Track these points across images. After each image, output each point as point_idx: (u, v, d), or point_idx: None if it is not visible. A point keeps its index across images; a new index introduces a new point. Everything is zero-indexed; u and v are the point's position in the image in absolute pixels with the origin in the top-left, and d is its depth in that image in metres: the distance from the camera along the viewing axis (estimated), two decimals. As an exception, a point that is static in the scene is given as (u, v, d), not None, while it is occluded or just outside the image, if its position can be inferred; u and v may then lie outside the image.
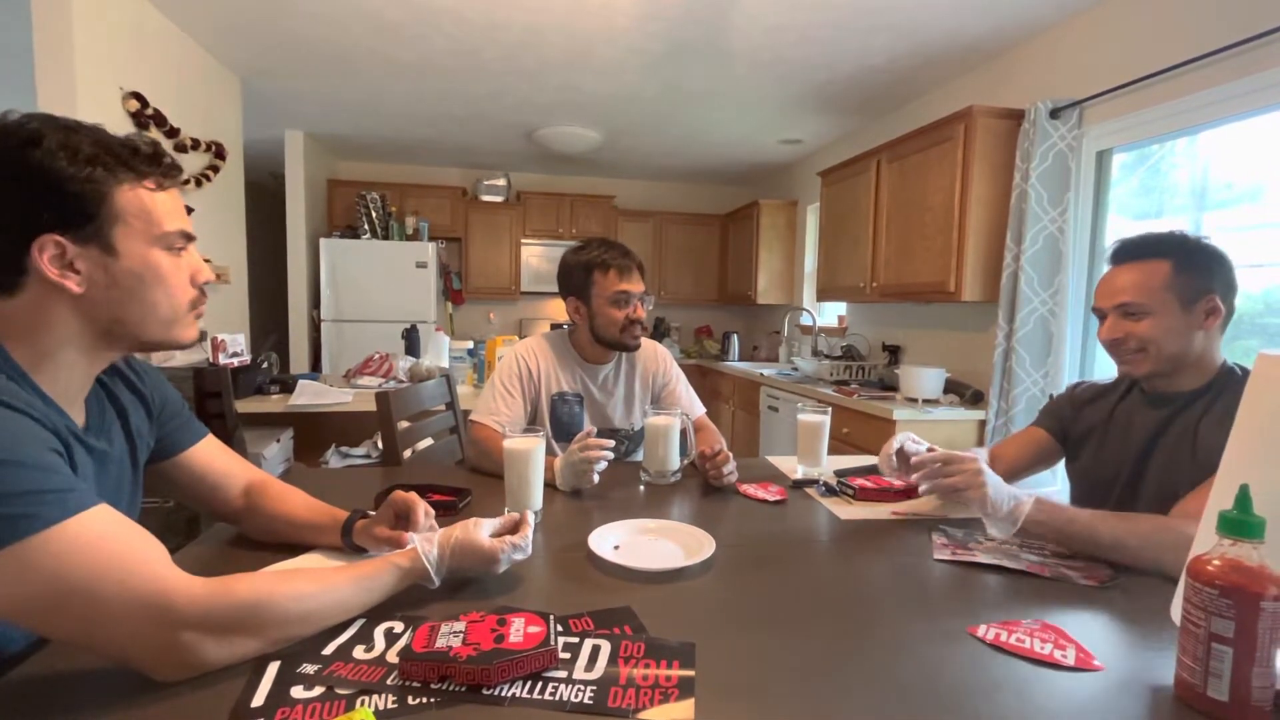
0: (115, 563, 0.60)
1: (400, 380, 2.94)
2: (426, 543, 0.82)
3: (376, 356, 3.13)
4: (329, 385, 2.75)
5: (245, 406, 2.44)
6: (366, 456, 2.56)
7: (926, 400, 2.87)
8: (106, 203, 0.68)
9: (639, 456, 1.54)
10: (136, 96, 2.52)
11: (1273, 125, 1.95)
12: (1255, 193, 2.04)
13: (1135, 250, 1.13)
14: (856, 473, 1.40)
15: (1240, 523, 0.62)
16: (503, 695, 0.63)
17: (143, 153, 0.71)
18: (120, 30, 2.47)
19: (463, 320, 5.51)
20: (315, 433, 2.75)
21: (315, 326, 4.73)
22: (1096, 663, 0.71)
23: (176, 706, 0.60)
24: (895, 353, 3.64)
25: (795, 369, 4.23)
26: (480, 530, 0.85)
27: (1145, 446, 1.15)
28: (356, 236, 4.70)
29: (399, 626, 0.74)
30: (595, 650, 0.70)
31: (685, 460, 1.44)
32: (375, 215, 4.71)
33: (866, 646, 0.74)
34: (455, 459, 2.02)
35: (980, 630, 0.77)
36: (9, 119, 0.66)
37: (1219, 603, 0.61)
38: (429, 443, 2.04)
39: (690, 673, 0.67)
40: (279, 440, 2.51)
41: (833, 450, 1.58)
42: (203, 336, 2.54)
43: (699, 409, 1.73)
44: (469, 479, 1.41)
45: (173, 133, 2.77)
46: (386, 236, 4.76)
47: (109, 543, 0.60)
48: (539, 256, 5.26)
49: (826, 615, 0.82)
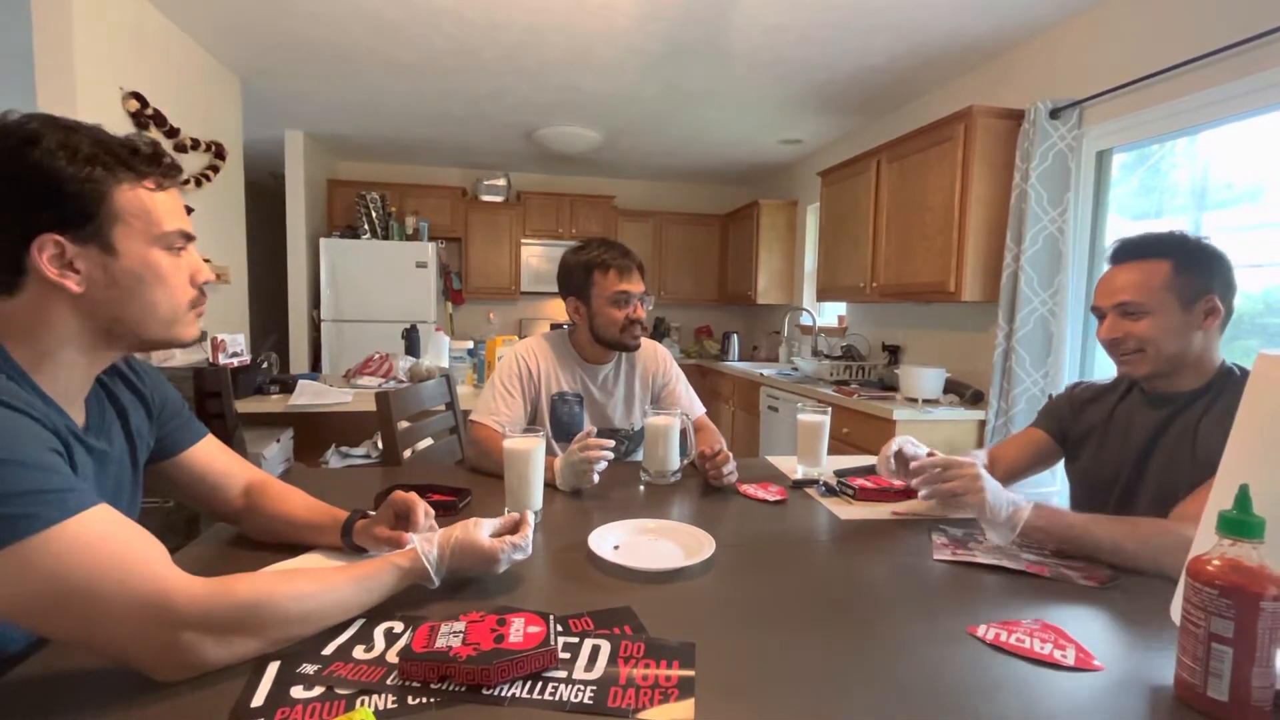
0: (115, 562, 0.60)
1: (400, 380, 2.94)
2: (426, 543, 0.82)
3: (376, 356, 3.13)
4: (329, 385, 2.75)
5: (245, 406, 2.44)
6: (366, 456, 2.57)
7: (926, 400, 2.87)
8: (106, 202, 0.68)
9: (639, 456, 1.54)
10: (136, 96, 2.52)
11: (1273, 125, 1.95)
12: (1255, 193, 2.04)
13: (1135, 250, 1.13)
14: (856, 473, 1.41)
15: (1240, 523, 0.62)
16: (502, 695, 0.63)
17: (142, 152, 0.71)
18: (120, 30, 2.48)
19: (463, 320, 5.51)
20: (315, 433, 2.75)
21: (315, 326, 4.73)
22: (1096, 663, 0.71)
23: (176, 706, 0.60)
24: (895, 353, 3.64)
25: (795, 369, 4.23)
26: (480, 530, 0.85)
27: (1145, 447, 1.15)
28: (356, 236, 4.70)
29: (399, 626, 0.74)
30: (595, 650, 0.70)
31: (685, 460, 1.44)
32: (375, 215, 4.71)
33: (866, 646, 0.74)
34: (455, 459, 2.02)
35: (980, 630, 0.77)
36: (9, 119, 0.66)
37: (1219, 603, 0.61)
38: (429, 443, 2.04)
39: (690, 673, 0.67)
40: (279, 440, 2.51)
41: (833, 450, 1.58)
42: (203, 336, 2.54)
43: (699, 409, 1.73)
44: (469, 479, 1.41)
45: (173, 133, 2.77)
46: (386, 236, 4.76)
47: (109, 542, 0.60)
48: (539, 256, 5.26)
49: (826, 615, 0.82)
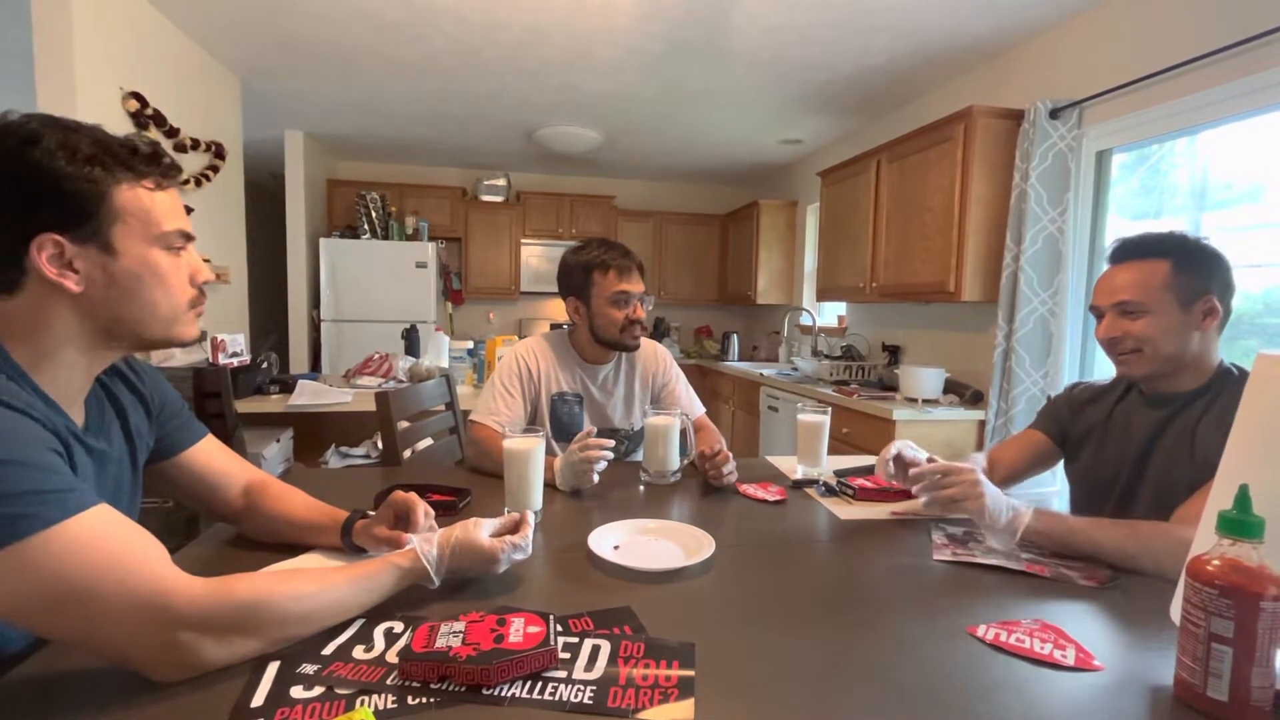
0: (114, 562, 0.60)
1: (400, 380, 2.94)
2: (426, 543, 0.82)
3: (376, 356, 3.13)
4: (329, 385, 2.75)
5: (245, 406, 2.44)
6: (366, 456, 2.57)
7: (926, 400, 2.87)
8: (105, 202, 0.68)
9: (639, 456, 1.54)
10: (136, 96, 2.52)
11: (1273, 125, 1.95)
12: (1255, 193, 2.04)
13: (1135, 249, 1.13)
14: (856, 473, 1.41)
15: (1240, 523, 0.62)
16: (502, 695, 0.63)
17: (142, 152, 0.71)
18: (120, 30, 2.48)
19: (462, 320, 5.51)
20: (315, 433, 2.75)
21: (315, 326, 4.73)
22: (1096, 663, 0.71)
23: (176, 706, 0.60)
24: (895, 353, 3.64)
25: (795, 369, 4.23)
26: (480, 530, 0.85)
27: (1144, 447, 1.15)
28: (356, 236, 4.70)
29: (399, 626, 0.74)
30: (595, 650, 0.70)
31: (685, 460, 1.44)
32: (375, 215, 4.71)
33: (866, 646, 0.74)
34: (455, 459, 2.02)
35: (980, 630, 0.77)
36: (9, 118, 0.66)
37: (1218, 603, 0.61)
38: (429, 443, 2.04)
39: (690, 673, 0.67)
40: (278, 440, 2.51)
41: (832, 450, 1.58)
42: (202, 336, 2.54)
43: (699, 409, 1.73)
44: (469, 479, 1.41)
45: (172, 132, 2.77)
46: (386, 236, 4.76)
47: (108, 542, 0.60)
48: (539, 256, 5.26)
49: (826, 615, 0.82)
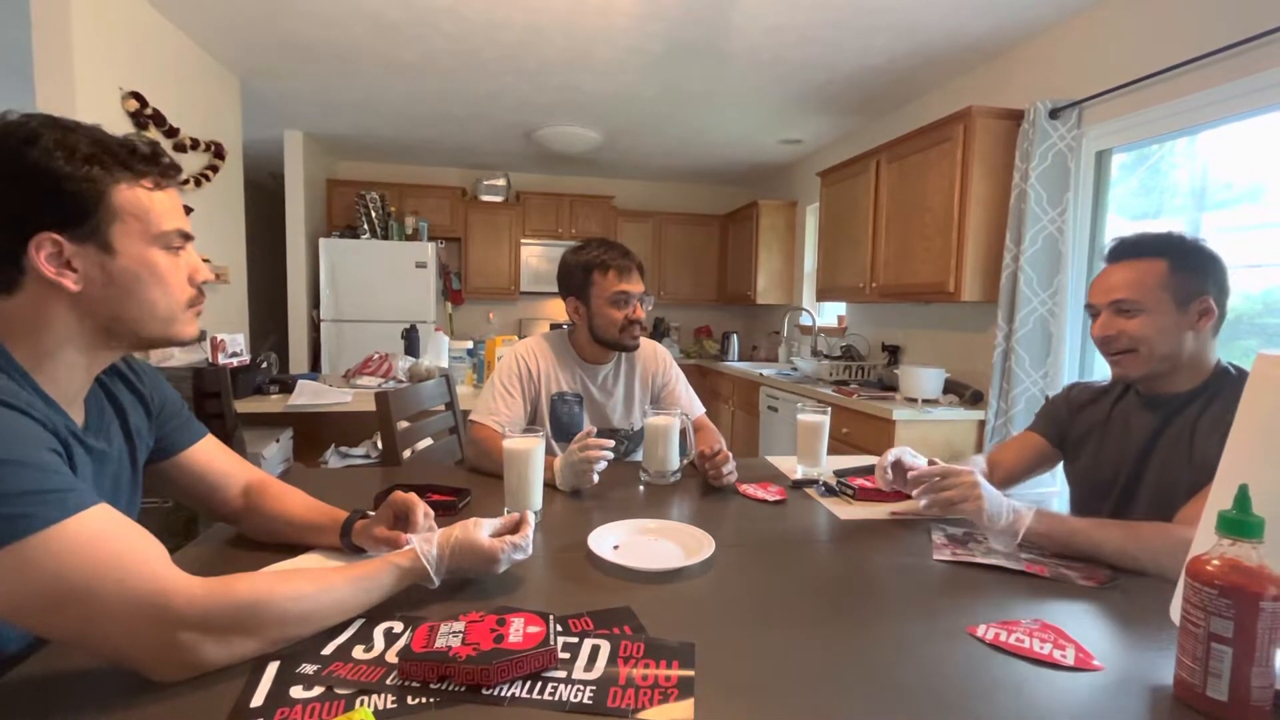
0: (114, 562, 0.60)
1: (400, 380, 2.93)
2: (425, 543, 0.82)
3: (376, 356, 3.13)
4: (328, 385, 2.75)
5: (244, 406, 2.43)
6: (366, 456, 2.56)
7: (926, 400, 2.87)
8: (104, 201, 0.68)
9: (639, 456, 1.54)
10: (136, 96, 2.52)
11: (1273, 125, 1.95)
12: (1255, 193, 2.04)
13: (1132, 249, 1.13)
14: (856, 473, 1.40)
15: (1239, 522, 0.62)
16: (502, 695, 0.63)
17: (140, 152, 0.71)
18: (119, 30, 2.47)
19: (462, 320, 5.51)
20: (315, 433, 2.75)
21: (315, 326, 4.73)
22: (1096, 663, 0.71)
23: (176, 706, 0.60)
24: (895, 353, 3.64)
25: (795, 369, 4.23)
26: (480, 530, 0.85)
27: (1144, 447, 1.15)
28: (356, 236, 4.70)
29: (398, 626, 0.74)
30: (595, 650, 0.70)
31: (685, 460, 1.44)
32: (375, 215, 4.71)
33: (866, 646, 0.74)
34: (455, 459, 2.02)
35: (980, 630, 0.77)
36: (7, 118, 0.66)
37: (1218, 602, 0.61)
38: (428, 443, 2.04)
39: (690, 673, 0.67)
40: (278, 440, 2.51)
41: (832, 450, 1.58)
42: (202, 336, 2.54)
43: (698, 409, 1.73)
44: (468, 479, 1.41)
45: (172, 132, 2.77)
46: (386, 236, 4.76)
47: (108, 542, 0.60)
48: (538, 256, 5.26)
49: (826, 615, 0.82)
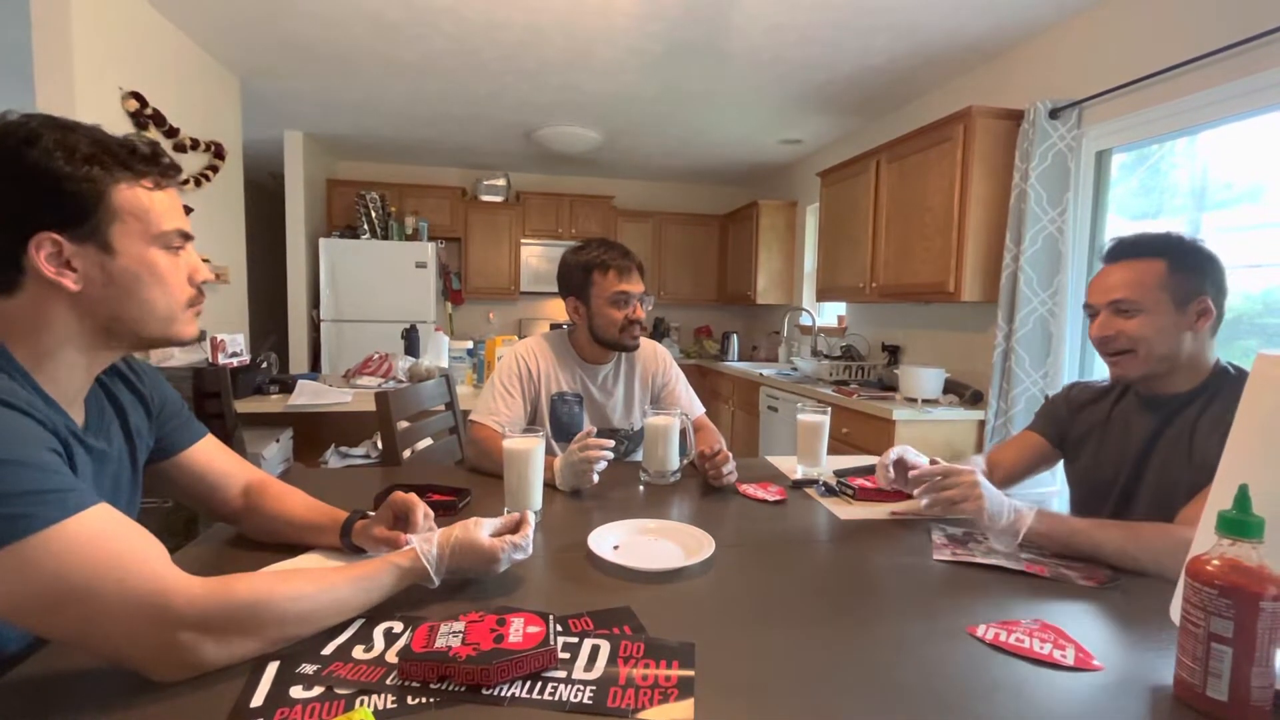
0: (114, 562, 0.60)
1: (400, 380, 2.93)
2: (425, 542, 0.82)
3: (376, 356, 3.13)
4: (328, 385, 2.75)
5: (244, 406, 2.43)
6: (366, 456, 2.56)
7: (926, 400, 2.87)
8: (104, 201, 0.68)
9: (639, 456, 1.54)
10: (136, 96, 2.52)
11: (1273, 125, 1.95)
12: (1255, 193, 2.04)
13: (1130, 249, 1.13)
14: (856, 473, 1.40)
15: (1239, 522, 0.62)
16: (502, 695, 0.63)
17: (140, 152, 0.71)
18: (119, 30, 2.47)
19: (462, 320, 5.51)
20: (314, 433, 2.75)
21: (315, 326, 4.73)
22: (1096, 663, 0.71)
23: (176, 706, 0.60)
24: (895, 353, 3.64)
25: (795, 369, 4.23)
26: (480, 530, 0.85)
27: (1143, 448, 1.15)
28: (356, 236, 4.70)
29: (398, 626, 0.74)
30: (595, 650, 0.70)
31: (685, 460, 1.44)
32: (375, 215, 4.71)
33: (866, 646, 0.74)
34: (455, 459, 2.02)
35: (980, 630, 0.77)
36: (7, 118, 0.66)
37: (1218, 602, 0.61)
38: (428, 443, 2.04)
39: (690, 673, 0.67)
40: (278, 440, 2.51)
41: (832, 450, 1.58)
42: (202, 336, 2.54)
43: (698, 409, 1.73)
44: (468, 479, 1.41)
45: (172, 132, 2.77)
46: (386, 236, 4.76)
47: (108, 542, 0.60)
48: (538, 256, 5.26)
49: (826, 615, 0.82)
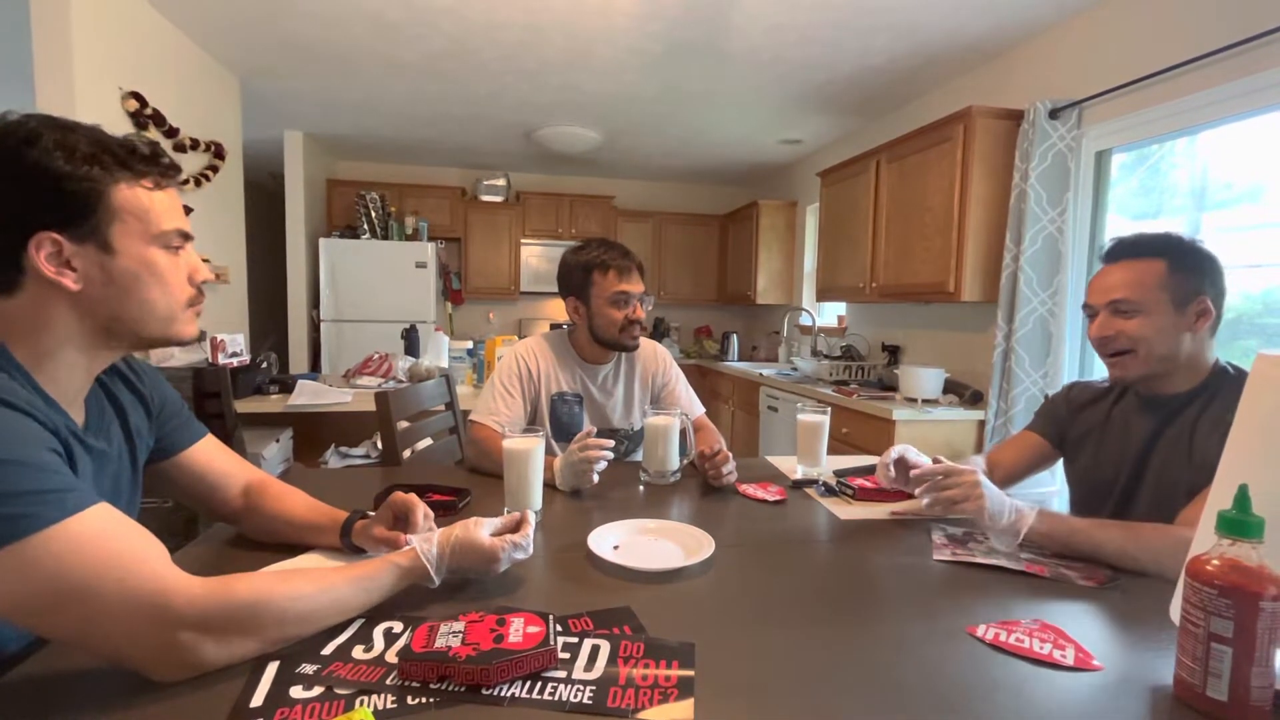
0: (114, 561, 0.60)
1: (400, 380, 2.93)
2: (425, 542, 0.82)
3: (376, 356, 3.13)
4: (328, 385, 2.75)
5: (244, 406, 2.43)
6: (366, 457, 2.56)
7: (926, 400, 2.87)
8: (103, 201, 0.68)
9: (638, 456, 1.54)
10: (135, 96, 2.52)
11: (1273, 125, 1.95)
12: (1255, 193, 2.04)
13: (1130, 249, 1.13)
14: (856, 473, 1.40)
15: (1239, 522, 0.62)
16: (502, 695, 0.63)
17: (140, 152, 0.71)
18: (119, 30, 2.47)
19: (462, 320, 5.51)
20: (314, 433, 2.75)
21: (314, 326, 4.72)
22: (1096, 662, 0.71)
23: (176, 706, 0.60)
24: (895, 353, 3.64)
25: (795, 369, 4.23)
26: (480, 529, 0.84)
27: (1143, 448, 1.15)
28: (356, 236, 4.70)
29: (398, 626, 0.74)
30: (595, 650, 0.70)
31: (685, 460, 1.44)
32: (375, 215, 4.71)
33: (866, 646, 0.74)
34: (455, 459, 2.02)
35: (980, 630, 0.77)
36: (7, 118, 0.66)
37: (1218, 602, 0.61)
38: (428, 443, 2.04)
39: (690, 673, 0.67)
40: (278, 440, 2.51)
41: (832, 450, 1.58)
42: (202, 336, 2.54)
43: (698, 409, 1.73)
44: (468, 479, 1.41)
45: (172, 132, 2.77)
46: (386, 236, 4.76)
47: (108, 541, 0.60)
48: (538, 256, 5.26)
49: (826, 615, 0.82)
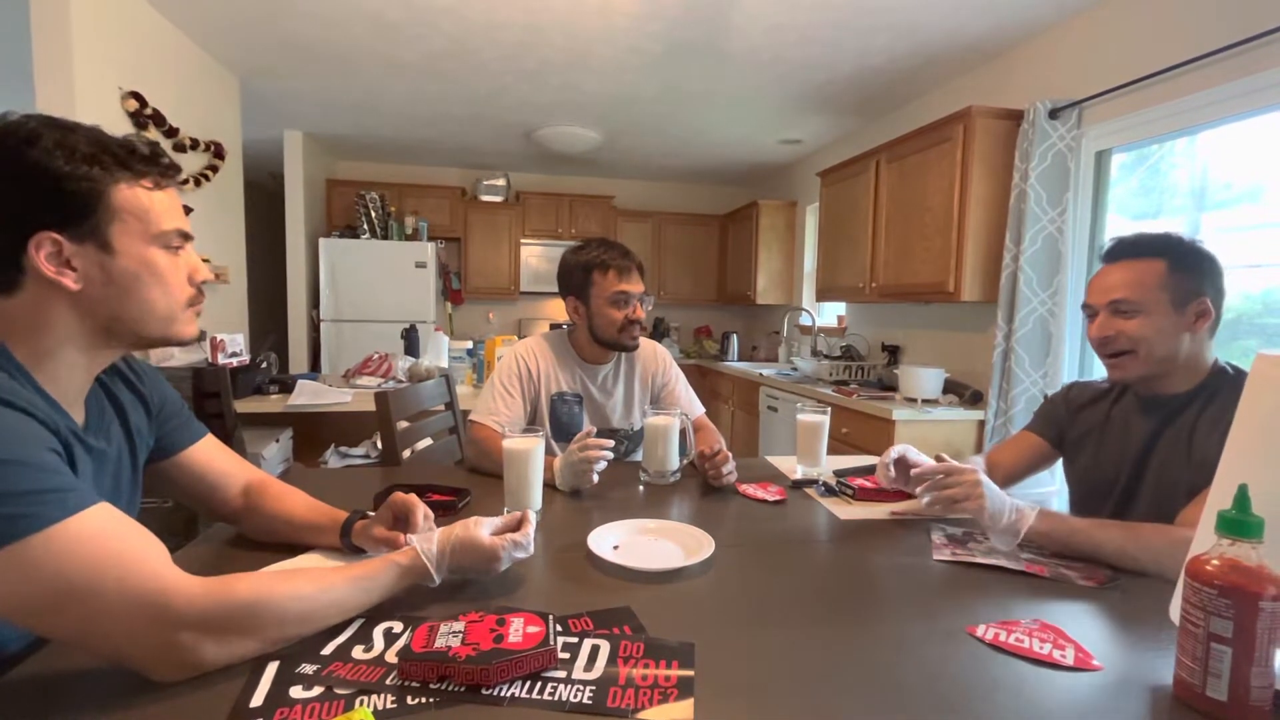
0: (114, 561, 0.60)
1: (399, 380, 2.93)
2: (426, 541, 0.82)
3: (376, 356, 3.13)
4: (328, 385, 2.75)
5: (244, 406, 2.43)
6: (365, 457, 2.56)
7: (926, 400, 2.87)
8: (103, 201, 0.68)
9: (638, 456, 1.54)
10: (135, 96, 2.52)
11: (1272, 125, 1.95)
12: (1255, 193, 2.04)
13: (1130, 249, 1.13)
14: (856, 473, 1.40)
15: (1239, 522, 0.62)
16: (502, 695, 0.63)
17: (140, 152, 0.71)
18: (119, 30, 2.47)
19: (462, 320, 5.51)
20: (314, 433, 2.75)
21: (314, 326, 4.72)
22: (1095, 662, 0.71)
23: (176, 706, 0.60)
24: (894, 353, 3.64)
25: (795, 369, 4.23)
26: (481, 528, 0.84)
27: (1143, 448, 1.15)
28: (356, 236, 4.70)
29: (398, 626, 0.74)
30: (594, 650, 0.70)
31: (685, 460, 1.44)
32: (374, 215, 4.71)
33: (866, 646, 0.74)
34: (454, 459, 2.02)
35: (979, 630, 0.77)
36: (7, 119, 0.66)
37: (1218, 602, 0.61)
38: (428, 443, 2.04)
39: (689, 673, 0.67)
40: (278, 440, 2.51)
41: (832, 450, 1.58)
42: (202, 336, 2.53)
43: (698, 409, 1.73)
44: (468, 479, 1.41)
45: (172, 132, 2.77)
46: (386, 236, 4.76)
47: (108, 541, 0.60)
48: (538, 256, 5.26)
49: (826, 615, 0.82)
